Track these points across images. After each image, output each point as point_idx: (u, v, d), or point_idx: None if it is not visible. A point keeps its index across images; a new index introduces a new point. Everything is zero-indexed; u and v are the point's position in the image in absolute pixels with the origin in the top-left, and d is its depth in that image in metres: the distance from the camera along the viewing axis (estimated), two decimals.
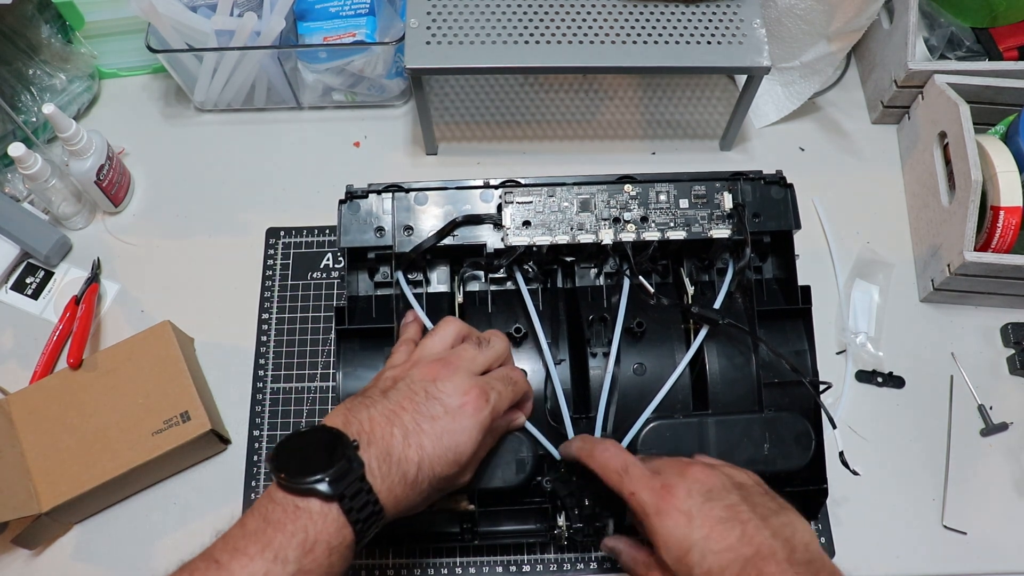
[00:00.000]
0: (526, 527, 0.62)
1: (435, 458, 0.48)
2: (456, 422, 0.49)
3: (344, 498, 0.44)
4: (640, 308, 0.64)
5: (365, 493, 0.45)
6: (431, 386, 0.50)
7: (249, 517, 0.45)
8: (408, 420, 0.48)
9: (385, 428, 0.48)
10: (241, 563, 0.42)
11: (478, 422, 0.50)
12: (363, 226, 0.63)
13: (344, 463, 0.45)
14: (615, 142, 0.85)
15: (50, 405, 0.67)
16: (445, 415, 0.49)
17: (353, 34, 0.79)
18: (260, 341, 0.75)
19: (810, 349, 0.63)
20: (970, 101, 0.72)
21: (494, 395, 0.51)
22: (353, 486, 0.45)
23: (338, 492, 0.44)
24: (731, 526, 0.46)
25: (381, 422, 0.48)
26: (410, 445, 0.47)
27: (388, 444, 0.47)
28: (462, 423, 0.49)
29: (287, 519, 0.44)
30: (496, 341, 0.56)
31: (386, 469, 0.47)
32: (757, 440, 0.59)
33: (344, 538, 0.45)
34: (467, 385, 0.51)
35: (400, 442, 0.47)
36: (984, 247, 0.71)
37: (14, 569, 0.67)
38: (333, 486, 0.44)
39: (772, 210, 0.64)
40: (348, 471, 0.45)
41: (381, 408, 0.49)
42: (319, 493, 0.44)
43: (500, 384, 0.53)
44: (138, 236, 0.80)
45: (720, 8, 0.74)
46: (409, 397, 0.50)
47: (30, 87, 0.80)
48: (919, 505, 0.69)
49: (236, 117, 0.86)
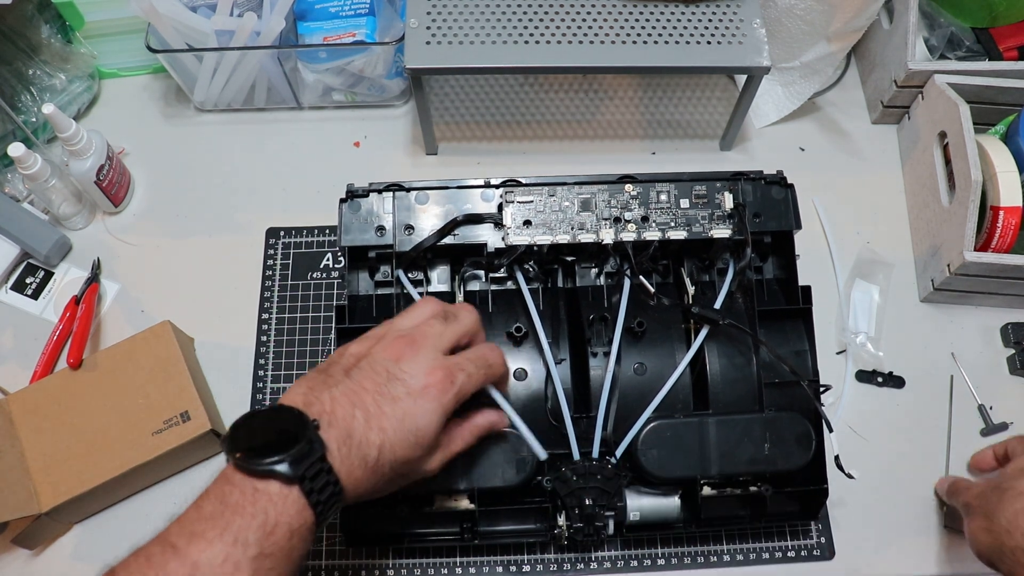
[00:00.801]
0: (526, 527, 0.62)
1: (396, 441, 0.47)
2: (418, 404, 0.48)
3: (304, 480, 0.43)
4: (641, 308, 0.64)
5: (325, 474, 0.44)
6: (394, 366, 0.49)
7: (205, 500, 0.44)
8: (370, 402, 0.47)
9: (347, 409, 0.46)
10: (199, 547, 0.41)
11: (441, 405, 0.48)
12: (364, 225, 0.63)
13: (305, 444, 0.44)
14: (615, 142, 0.85)
15: (50, 405, 0.67)
16: (407, 396, 0.48)
17: (353, 34, 0.79)
18: (260, 341, 0.75)
19: (810, 349, 0.64)
20: (970, 101, 0.72)
21: (461, 376, 0.50)
22: (314, 467, 0.44)
23: (298, 474, 0.43)
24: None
25: (343, 403, 0.47)
26: (371, 428, 0.46)
27: (349, 426, 0.46)
28: (424, 405, 0.48)
29: (246, 501, 0.43)
30: (464, 315, 0.53)
31: (346, 451, 0.45)
32: (758, 440, 0.59)
33: (305, 520, 0.44)
34: (431, 365, 0.49)
35: (361, 424, 0.46)
36: (984, 247, 0.71)
37: (14, 569, 0.67)
38: (293, 468, 0.43)
39: (773, 210, 0.64)
40: (309, 452, 0.44)
41: (343, 388, 0.47)
42: (279, 475, 0.43)
43: (471, 366, 0.51)
44: (138, 236, 0.80)
45: (720, 8, 0.74)
46: (371, 377, 0.48)
47: (30, 87, 0.80)
48: (919, 505, 0.69)
49: (236, 117, 0.86)
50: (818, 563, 0.67)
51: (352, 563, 0.67)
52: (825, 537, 0.68)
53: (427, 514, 0.60)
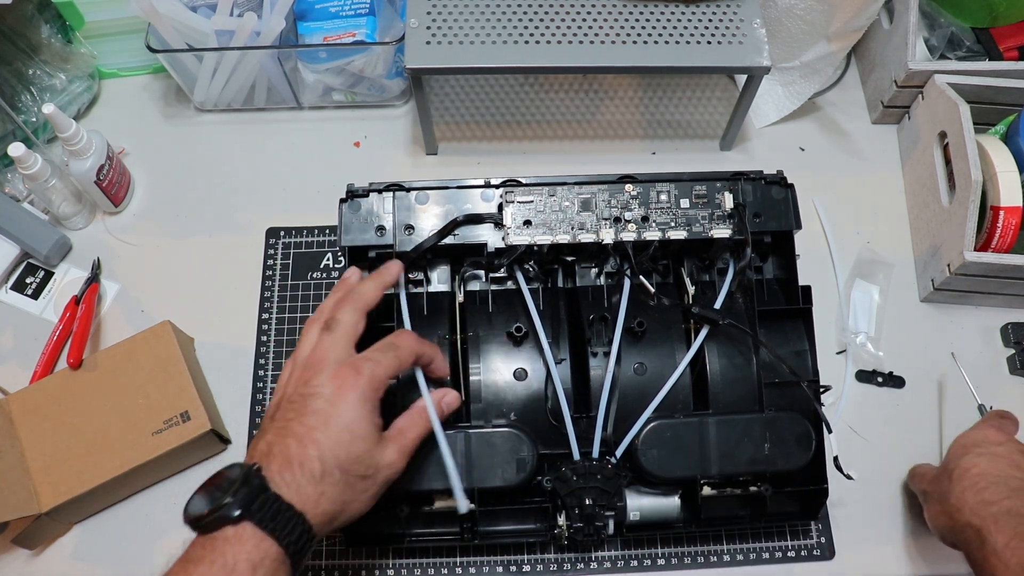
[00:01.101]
0: (526, 527, 0.62)
1: (332, 444, 0.49)
2: (337, 405, 0.50)
3: (253, 514, 0.46)
4: (641, 308, 0.64)
5: (273, 502, 0.46)
6: (304, 388, 0.52)
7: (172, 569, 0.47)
8: (297, 426, 0.50)
9: (280, 443, 0.49)
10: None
11: (357, 396, 0.51)
12: (364, 225, 0.63)
13: (243, 483, 0.46)
14: (615, 142, 0.85)
15: (50, 405, 0.67)
16: (325, 404, 0.50)
17: (353, 34, 0.79)
18: (260, 341, 0.75)
19: (810, 349, 0.64)
20: (970, 101, 0.72)
21: (368, 365, 0.52)
22: (258, 500, 0.46)
23: (245, 510, 0.45)
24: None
25: (275, 440, 0.50)
26: (305, 445, 0.49)
27: (286, 454, 0.49)
28: (343, 403, 0.50)
29: (204, 552, 0.45)
30: (343, 314, 0.55)
31: (290, 476, 0.48)
32: (758, 440, 0.59)
33: (266, 551, 0.46)
34: (334, 370, 0.52)
35: (296, 447, 0.49)
36: (984, 247, 0.71)
37: (14, 569, 0.67)
38: (239, 507, 0.45)
39: (773, 210, 0.64)
40: (249, 488, 0.46)
41: (273, 430, 0.51)
42: (228, 519, 0.45)
43: (377, 354, 0.53)
44: (138, 236, 0.80)
45: (720, 8, 0.74)
46: (291, 409, 0.51)
47: (30, 87, 0.80)
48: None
49: (236, 117, 0.86)
50: (818, 563, 0.67)
51: (352, 563, 0.67)
52: (825, 537, 0.68)
53: (427, 514, 0.60)
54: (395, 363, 0.54)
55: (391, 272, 0.59)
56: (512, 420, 0.61)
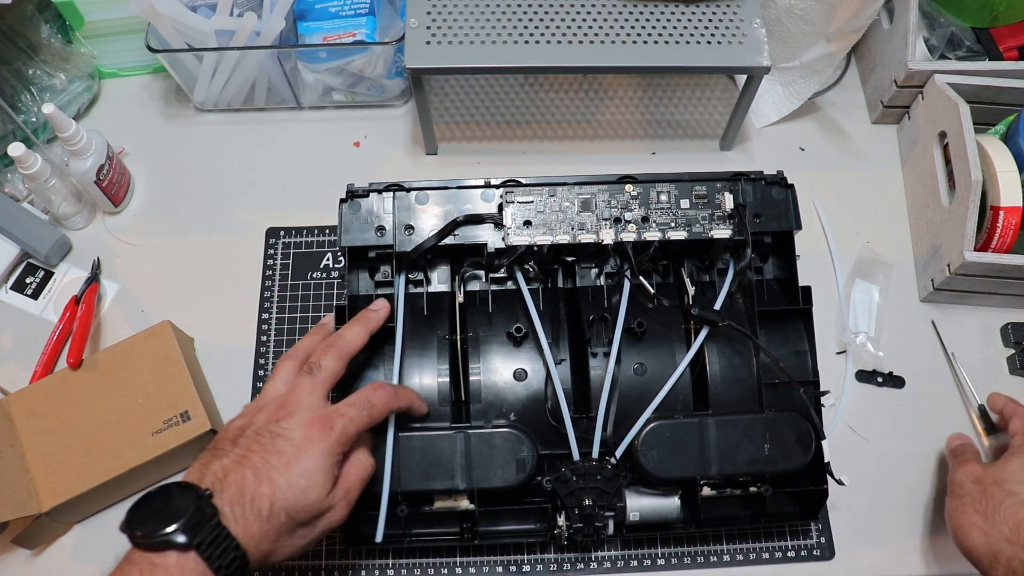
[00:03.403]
0: (526, 527, 0.62)
1: (286, 488, 0.49)
2: (301, 451, 0.50)
3: (201, 545, 0.45)
4: (641, 308, 0.64)
5: (223, 538, 0.46)
6: (275, 426, 0.52)
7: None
8: (258, 460, 0.50)
9: (236, 472, 0.49)
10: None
11: (323, 448, 0.51)
12: (364, 225, 0.63)
13: (195, 512, 0.46)
14: (615, 142, 0.85)
15: (50, 405, 0.67)
16: (290, 447, 0.50)
17: (353, 34, 0.79)
18: (260, 341, 0.75)
19: (810, 349, 0.64)
20: (970, 101, 0.72)
21: (341, 422, 0.52)
22: (209, 532, 0.45)
23: (193, 540, 0.45)
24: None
25: (232, 468, 0.49)
26: (261, 481, 0.49)
27: (241, 485, 0.48)
28: (307, 451, 0.50)
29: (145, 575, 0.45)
30: (327, 361, 0.55)
31: (240, 510, 0.48)
32: (758, 440, 0.59)
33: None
34: (308, 417, 0.52)
35: (252, 481, 0.49)
36: (984, 247, 0.71)
37: (14, 569, 0.67)
38: (187, 534, 0.45)
39: (773, 210, 0.64)
40: (200, 519, 0.46)
41: (232, 456, 0.50)
42: (174, 544, 0.45)
43: (351, 409, 0.53)
44: (138, 236, 0.80)
45: (720, 8, 0.74)
46: (256, 440, 0.51)
47: (30, 87, 0.80)
48: (919, 505, 0.69)
49: (236, 117, 0.86)
50: (818, 563, 0.67)
51: (352, 563, 0.67)
52: (825, 537, 0.68)
53: (427, 514, 0.60)
54: (367, 421, 0.54)
55: (379, 317, 0.60)
56: (512, 420, 0.61)
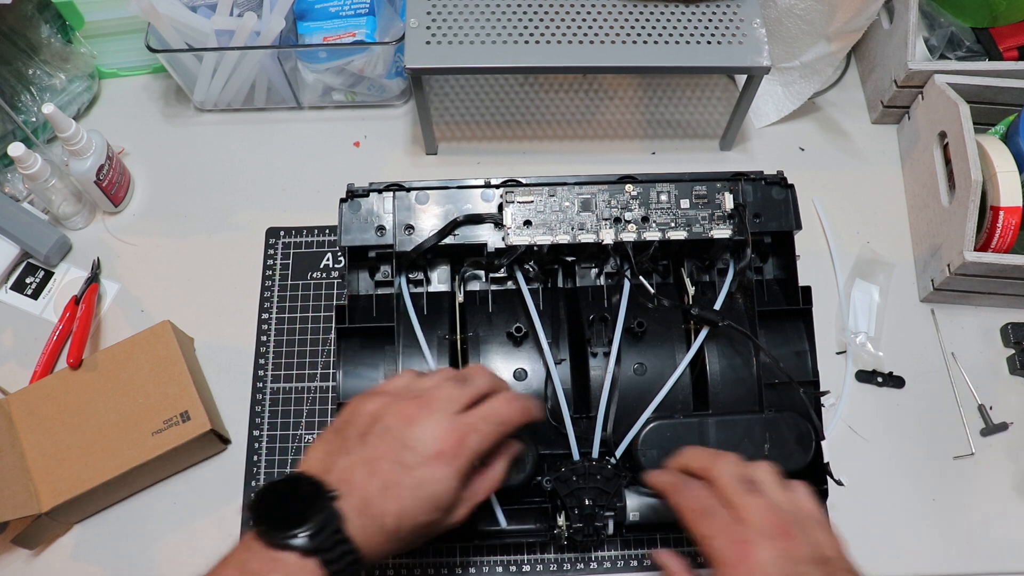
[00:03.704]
0: (526, 527, 0.62)
1: (414, 510, 0.47)
2: (432, 471, 0.48)
3: (321, 551, 0.44)
4: (641, 308, 0.64)
5: (343, 544, 0.45)
6: (407, 431, 0.49)
7: (225, 567, 0.45)
8: (386, 469, 0.47)
9: (363, 478, 0.47)
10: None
11: (455, 469, 0.48)
12: (364, 225, 0.63)
13: (322, 517, 0.45)
14: (615, 142, 0.85)
15: (50, 405, 0.67)
16: (421, 465, 0.48)
17: (353, 34, 0.79)
18: (260, 341, 0.75)
19: (810, 349, 0.64)
20: (970, 101, 0.72)
21: (474, 439, 0.49)
22: (330, 539, 0.45)
23: (315, 546, 0.44)
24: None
25: (359, 471, 0.47)
26: (388, 497, 0.47)
27: (367, 495, 0.47)
28: (438, 473, 0.48)
29: (264, 570, 0.44)
30: (478, 378, 0.53)
31: (365, 521, 0.46)
32: (757, 440, 0.59)
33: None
34: (442, 430, 0.49)
35: (378, 494, 0.47)
36: (984, 247, 0.71)
37: (14, 569, 0.67)
38: (311, 540, 0.44)
39: (773, 210, 0.64)
40: (325, 525, 0.45)
41: (359, 456, 0.48)
42: (297, 548, 0.44)
43: (484, 425, 0.50)
44: (138, 236, 0.80)
45: (720, 8, 0.74)
46: (386, 443, 0.49)
47: (30, 87, 0.80)
48: (919, 505, 0.69)
49: (236, 117, 0.86)
50: None
51: None
52: None
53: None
54: (498, 438, 0.51)
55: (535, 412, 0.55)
56: None
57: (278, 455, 0.71)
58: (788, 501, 0.51)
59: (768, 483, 0.51)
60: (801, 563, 0.47)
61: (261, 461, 0.71)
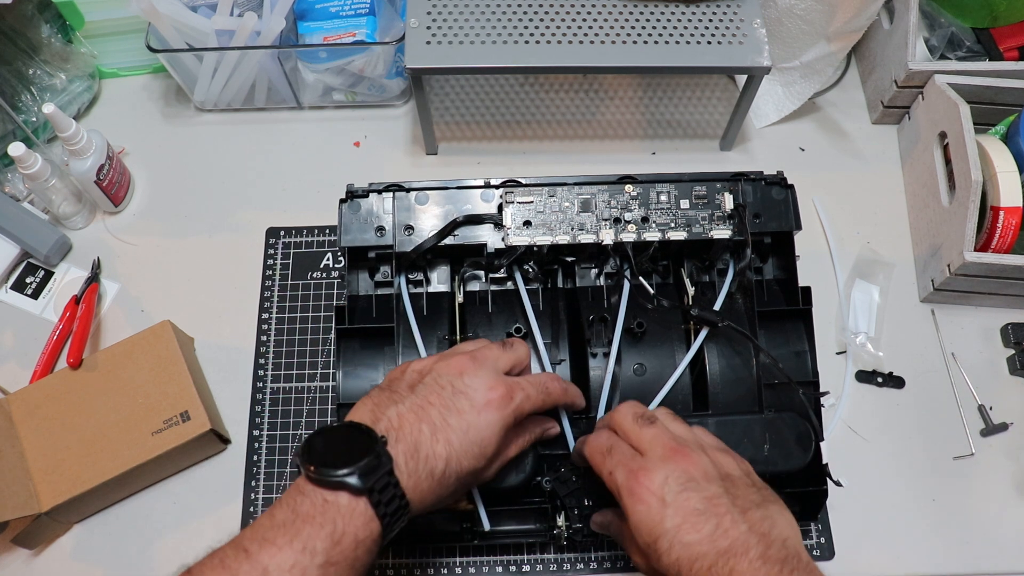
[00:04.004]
0: (526, 527, 0.62)
1: (462, 453, 0.49)
2: (481, 417, 0.49)
3: (373, 492, 0.45)
4: (640, 308, 0.64)
5: (392, 487, 0.46)
6: (458, 380, 0.51)
7: (278, 508, 0.45)
8: (435, 415, 0.49)
9: (413, 424, 0.48)
10: (270, 553, 0.43)
11: (502, 417, 0.50)
12: (364, 225, 0.63)
13: (373, 458, 0.45)
14: (615, 142, 0.85)
15: (50, 405, 0.67)
16: (471, 410, 0.50)
17: (353, 34, 0.79)
18: (260, 341, 0.75)
19: (810, 350, 0.63)
20: (970, 101, 0.72)
21: (520, 395, 0.52)
22: (381, 480, 0.45)
23: (367, 486, 0.45)
24: (706, 518, 0.46)
25: (409, 418, 0.49)
26: (438, 441, 0.48)
27: (416, 440, 0.48)
28: (487, 418, 0.50)
29: (316, 512, 0.44)
30: (519, 346, 0.57)
31: (414, 465, 0.47)
32: (757, 441, 0.59)
33: (371, 532, 0.45)
34: (493, 381, 0.51)
35: (428, 437, 0.48)
36: (984, 247, 0.71)
37: (14, 569, 0.67)
38: (362, 480, 0.45)
39: (773, 211, 0.64)
40: (377, 466, 0.45)
41: (409, 404, 0.49)
42: (348, 487, 0.45)
43: (530, 387, 0.53)
44: (138, 236, 0.80)
45: (720, 8, 0.74)
46: (436, 392, 0.50)
47: (30, 87, 0.80)
48: (919, 505, 0.69)
49: (236, 117, 0.86)
50: (818, 563, 0.66)
51: None
52: (825, 537, 0.68)
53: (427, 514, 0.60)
54: (540, 404, 0.54)
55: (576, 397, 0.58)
56: None
57: (278, 455, 0.71)
58: (687, 431, 0.52)
59: (665, 417, 0.53)
60: (696, 480, 0.47)
61: (261, 461, 0.71)
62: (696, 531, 0.45)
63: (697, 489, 0.47)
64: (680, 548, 0.45)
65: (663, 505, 0.46)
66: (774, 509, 0.48)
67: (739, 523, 0.45)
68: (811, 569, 0.45)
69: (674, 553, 0.45)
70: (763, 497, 0.48)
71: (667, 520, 0.46)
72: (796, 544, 0.46)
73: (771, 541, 0.45)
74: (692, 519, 0.45)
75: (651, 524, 0.46)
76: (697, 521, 0.45)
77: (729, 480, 0.48)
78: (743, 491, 0.48)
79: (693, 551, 0.45)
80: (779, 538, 0.45)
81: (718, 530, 0.45)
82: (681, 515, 0.46)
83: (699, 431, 0.53)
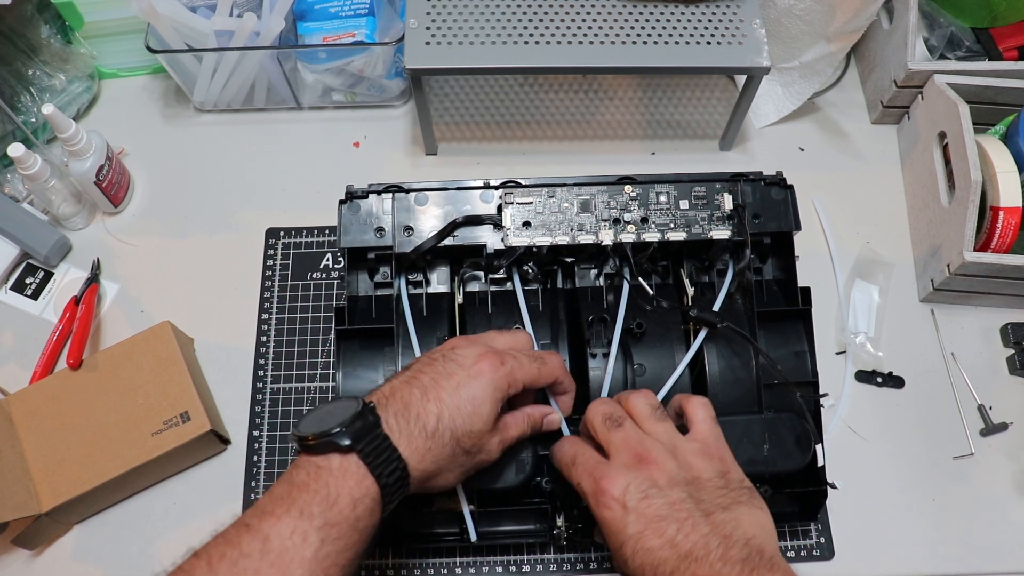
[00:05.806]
0: (526, 527, 0.62)
1: (453, 408, 0.49)
2: (472, 377, 0.50)
3: (363, 450, 0.46)
4: (640, 309, 0.64)
5: (385, 447, 0.46)
6: (449, 352, 0.52)
7: (277, 485, 0.47)
8: (427, 379, 0.50)
9: (404, 390, 0.50)
10: (270, 523, 0.44)
11: (493, 380, 0.50)
12: (363, 226, 0.63)
13: (358, 418, 0.47)
14: (615, 142, 0.85)
15: (50, 405, 0.67)
16: (461, 371, 0.50)
17: (353, 34, 0.79)
18: (260, 341, 0.75)
19: (810, 350, 0.64)
20: (970, 101, 0.72)
21: (512, 361, 0.52)
22: (370, 436, 0.46)
23: (355, 443, 0.46)
24: (668, 523, 0.46)
25: (400, 386, 0.50)
26: (428, 399, 0.49)
27: (407, 401, 0.49)
28: (479, 378, 0.50)
29: (310, 479, 0.46)
30: (519, 332, 0.58)
31: (404, 422, 0.48)
32: (757, 441, 0.59)
33: (367, 489, 0.46)
34: (484, 350, 0.52)
35: (419, 398, 0.49)
36: (984, 247, 0.71)
37: (14, 569, 0.67)
38: (349, 437, 0.46)
39: (772, 211, 0.64)
40: (363, 425, 0.46)
41: (402, 377, 0.51)
42: (337, 447, 0.46)
43: (524, 357, 0.53)
44: (138, 236, 0.80)
45: (720, 8, 0.74)
46: (429, 363, 0.52)
47: (30, 87, 0.80)
48: (919, 505, 0.69)
49: (236, 117, 0.86)
50: (818, 563, 0.67)
51: None
52: (825, 537, 0.68)
53: (427, 514, 0.60)
54: (534, 374, 0.53)
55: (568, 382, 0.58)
56: None
57: (278, 455, 0.71)
58: (662, 429, 0.52)
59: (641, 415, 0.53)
60: (659, 485, 0.48)
61: (261, 461, 0.71)
62: (658, 536, 0.45)
63: (659, 495, 0.47)
64: (643, 554, 0.45)
65: (625, 511, 0.47)
66: (742, 510, 0.48)
67: (700, 526, 0.46)
68: (774, 563, 0.45)
69: (638, 559, 0.46)
70: (732, 499, 0.48)
71: (629, 526, 0.46)
72: (761, 542, 0.46)
73: (732, 542, 0.45)
74: (654, 525, 0.46)
75: (615, 530, 0.47)
76: (659, 527, 0.46)
77: (696, 484, 0.49)
78: (710, 494, 0.48)
79: (655, 556, 0.45)
80: (742, 538, 0.46)
81: (679, 535, 0.45)
82: (643, 521, 0.46)
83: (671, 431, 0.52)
